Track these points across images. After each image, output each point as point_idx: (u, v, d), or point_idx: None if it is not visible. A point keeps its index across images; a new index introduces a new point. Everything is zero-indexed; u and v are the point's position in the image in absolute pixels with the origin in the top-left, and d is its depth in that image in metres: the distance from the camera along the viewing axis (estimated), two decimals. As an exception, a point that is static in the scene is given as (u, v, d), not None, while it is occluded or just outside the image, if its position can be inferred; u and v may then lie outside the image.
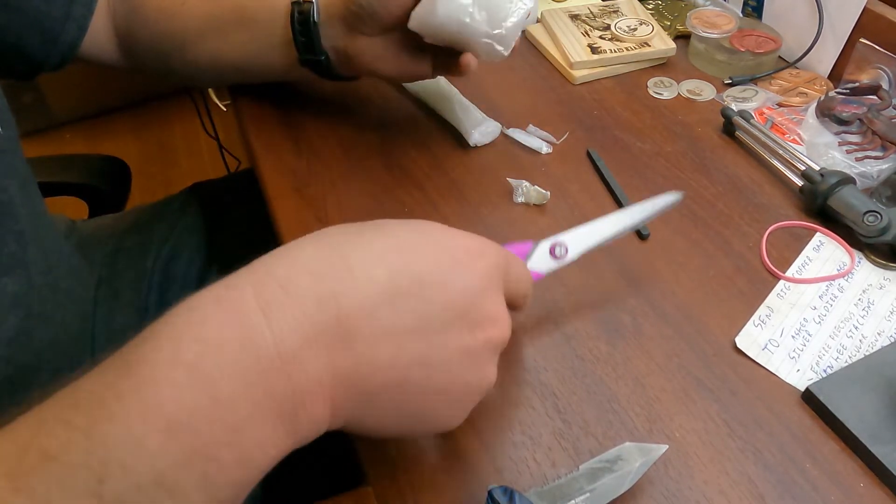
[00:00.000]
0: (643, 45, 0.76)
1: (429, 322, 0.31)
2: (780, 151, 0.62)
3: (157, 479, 0.25)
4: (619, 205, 0.60)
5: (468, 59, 0.56)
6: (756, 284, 0.53)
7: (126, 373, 0.26)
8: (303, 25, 0.57)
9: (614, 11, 0.82)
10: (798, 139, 0.66)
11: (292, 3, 0.57)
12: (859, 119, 0.64)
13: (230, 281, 0.28)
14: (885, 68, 0.67)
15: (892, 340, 0.49)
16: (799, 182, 0.60)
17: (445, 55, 0.57)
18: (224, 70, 0.65)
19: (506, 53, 0.54)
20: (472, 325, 0.32)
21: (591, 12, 0.82)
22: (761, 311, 0.51)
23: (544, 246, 0.46)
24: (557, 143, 0.66)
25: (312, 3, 0.57)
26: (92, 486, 0.24)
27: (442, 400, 0.33)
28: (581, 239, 0.46)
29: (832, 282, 0.54)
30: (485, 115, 0.66)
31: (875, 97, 0.66)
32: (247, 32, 0.61)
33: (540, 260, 0.45)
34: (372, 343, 0.29)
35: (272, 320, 0.27)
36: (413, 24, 0.52)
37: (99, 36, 0.64)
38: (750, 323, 0.51)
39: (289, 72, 0.62)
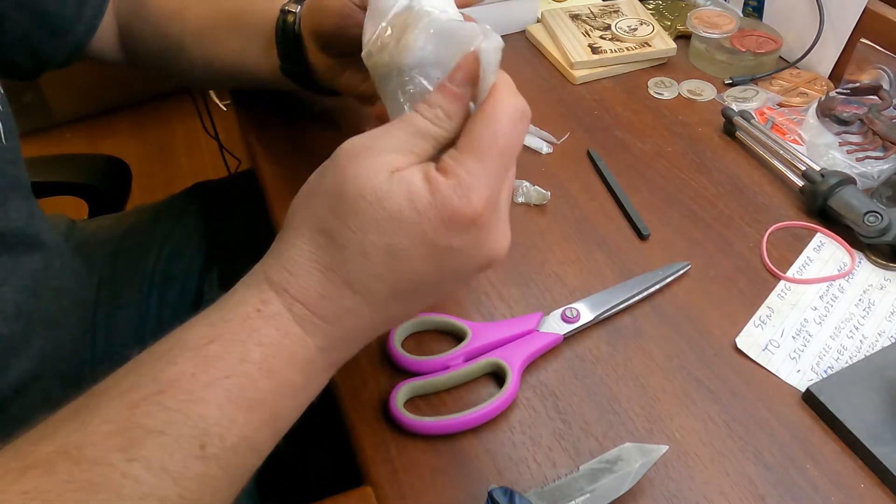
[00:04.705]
0: (644, 45, 0.76)
1: (433, 292, 0.37)
2: (781, 152, 0.62)
3: (245, 442, 0.32)
4: (620, 205, 0.60)
5: None
6: (756, 285, 0.53)
7: (204, 367, 0.32)
8: (285, 33, 0.57)
9: (615, 11, 0.82)
10: (798, 139, 0.66)
11: (281, 10, 0.57)
12: (860, 119, 0.64)
13: (262, 295, 0.34)
14: (886, 68, 0.66)
15: (893, 341, 0.49)
16: (799, 182, 0.60)
17: None
18: (217, 75, 0.65)
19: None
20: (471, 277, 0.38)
21: (592, 12, 0.82)
22: (762, 311, 0.51)
23: (555, 313, 0.50)
24: (558, 143, 0.66)
25: (296, 13, 0.56)
26: (196, 451, 0.30)
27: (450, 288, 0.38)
28: (590, 305, 0.51)
29: (833, 282, 0.54)
30: (485, 115, 0.66)
31: (875, 97, 0.66)
32: (239, 39, 0.60)
33: (555, 324, 0.49)
34: (383, 322, 0.37)
35: (307, 331, 0.34)
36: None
37: (105, 34, 0.64)
38: (750, 323, 0.51)
39: (276, 80, 0.61)
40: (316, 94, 0.62)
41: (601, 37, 0.77)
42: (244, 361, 0.32)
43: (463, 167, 0.33)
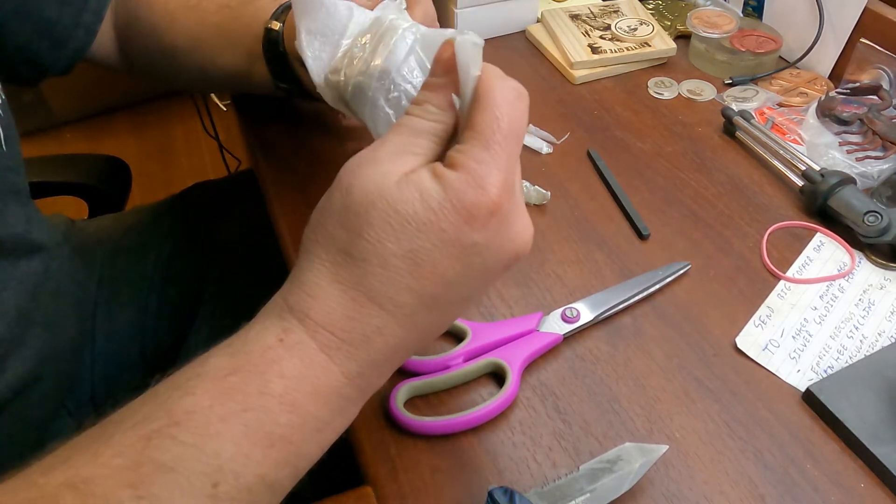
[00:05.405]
0: (643, 45, 0.76)
1: (463, 295, 0.34)
2: (781, 151, 0.62)
3: (262, 480, 0.31)
4: (620, 205, 0.60)
5: None
6: (756, 285, 0.53)
7: (221, 400, 0.30)
8: (273, 52, 0.56)
9: (615, 11, 0.82)
10: (798, 139, 0.66)
11: (265, 29, 0.56)
12: (860, 119, 0.64)
13: (283, 323, 0.32)
14: (886, 68, 0.66)
15: (893, 341, 0.49)
16: (799, 182, 0.60)
17: None
18: (213, 85, 0.65)
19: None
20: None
21: (592, 12, 0.82)
22: (762, 311, 0.51)
23: (555, 313, 0.50)
24: (558, 143, 0.66)
25: (278, 31, 0.55)
26: (207, 490, 0.29)
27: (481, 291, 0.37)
28: (590, 305, 0.51)
29: (833, 282, 0.54)
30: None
31: (875, 97, 0.66)
32: (229, 54, 0.60)
33: (555, 324, 0.50)
34: (417, 338, 0.34)
35: (334, 359, 0.32)
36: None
37: (104, 41, 0.64)
38: (750, 323, 0.51)
39: (272, 90, 0.61)
40: (315, 102, 0.62)
41: (601, 37, 0.77)
42: (264, 394, 0.31)
43: (471, 158, 0.31)
